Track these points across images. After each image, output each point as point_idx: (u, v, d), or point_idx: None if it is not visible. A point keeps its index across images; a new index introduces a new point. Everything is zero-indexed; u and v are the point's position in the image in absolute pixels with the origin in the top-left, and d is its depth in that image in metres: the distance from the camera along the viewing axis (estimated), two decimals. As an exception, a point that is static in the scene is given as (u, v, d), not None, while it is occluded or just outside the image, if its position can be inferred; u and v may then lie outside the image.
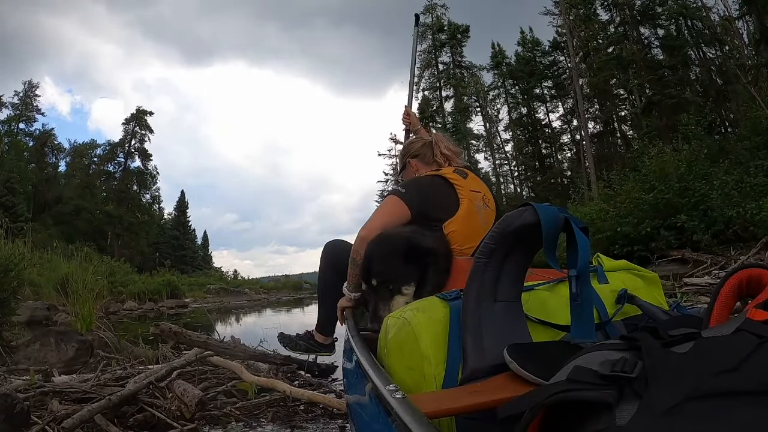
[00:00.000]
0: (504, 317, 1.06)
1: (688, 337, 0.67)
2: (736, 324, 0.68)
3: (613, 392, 0.58)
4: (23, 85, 40.41)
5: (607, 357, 0.67)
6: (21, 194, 32.86)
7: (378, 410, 0.88)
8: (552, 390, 0.63)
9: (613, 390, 0.59)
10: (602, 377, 0.61)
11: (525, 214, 1.05)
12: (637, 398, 0.57)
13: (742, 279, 0.86)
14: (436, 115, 38.35)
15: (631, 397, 0.57)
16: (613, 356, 0.66)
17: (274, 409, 2.34)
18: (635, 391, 0.58)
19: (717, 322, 0.84)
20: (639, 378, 0.59)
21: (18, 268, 4.11)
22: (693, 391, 0.54)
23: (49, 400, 2.07)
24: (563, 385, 0.63)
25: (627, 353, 0.67)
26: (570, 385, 0.62)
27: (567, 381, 0.64)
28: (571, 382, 0.63)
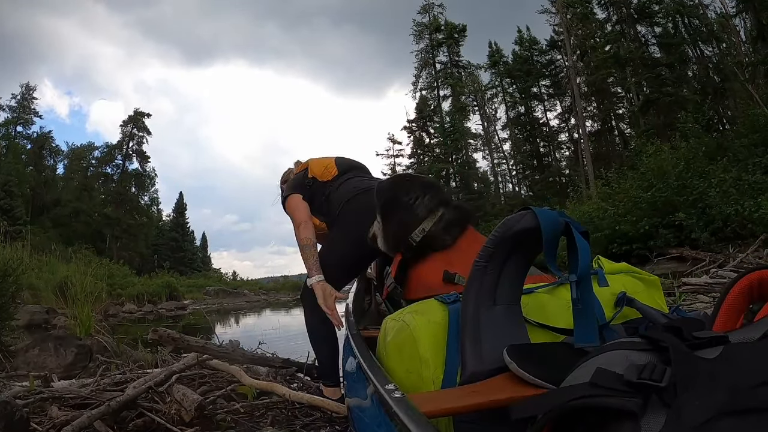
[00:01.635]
0: (503, 321, 1.06)
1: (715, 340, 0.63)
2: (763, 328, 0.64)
3: (639, 400, 0.55)
4: (21, 87, 40.39)
5: (631, 358, 0.63)
6: (19, 197, 32.87)
7: (377, 410, 0.89)
8: (574, 393, 0.60)
9: (639, 398, 0.55)
10: (628, 383, 0.57)
11: (525, 219, 1.06)
12: (665, 408, 0.54)
13: (753, 281, 0.83)
14: (434, 115, 38.43)
15: (659, 407, 0.54)
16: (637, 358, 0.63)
17: (274, 412, 2.34)
18: (663, 400, 0.54)
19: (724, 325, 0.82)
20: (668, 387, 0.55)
21: (17, 272, 4.10)
22: (727, 405, 0.50)
23: (49, 406, 2.07)
24: (585, 389, 0.60)
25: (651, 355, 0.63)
26: (593, 390, 0.59)
27: (589, 385, 0.60)
28: (594, 387, 0.59)
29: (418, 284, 1.78)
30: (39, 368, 3.17)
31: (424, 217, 1.81)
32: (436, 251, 1.78)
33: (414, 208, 1.83)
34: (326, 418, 2.28)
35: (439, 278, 1.70)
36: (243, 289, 29.87)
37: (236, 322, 12.42)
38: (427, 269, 1.76)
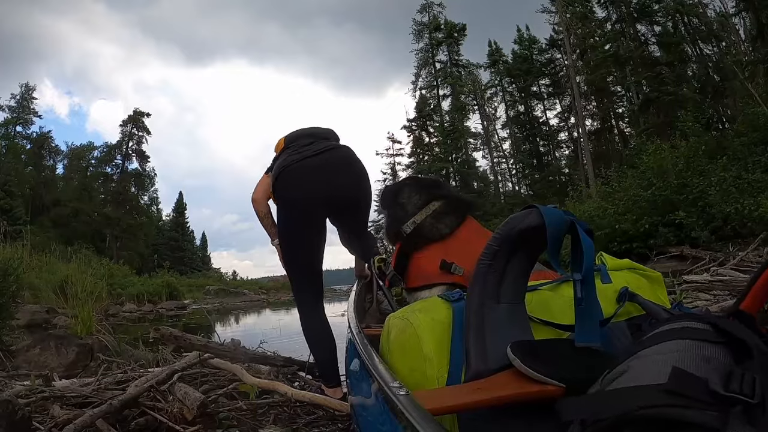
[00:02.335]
0: (507, 319, 1.06)
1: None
2: None
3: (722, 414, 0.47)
4: (20, 87, 40.36)
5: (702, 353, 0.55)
6: (19, 197, 32.88)
7: (382, 408, 0.88)
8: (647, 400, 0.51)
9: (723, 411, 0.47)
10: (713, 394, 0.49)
11: (530, 217, 1.05)
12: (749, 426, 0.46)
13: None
14: (434, 114, 38.42)
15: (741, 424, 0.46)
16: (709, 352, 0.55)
17: (276, 411, 2.34)
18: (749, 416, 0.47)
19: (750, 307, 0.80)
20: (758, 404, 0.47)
21: (17, 272, 4.10)
22: None
23: (51, 405, 2.06)
24: (661, 397, 0.51)
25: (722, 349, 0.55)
26: (671, 399, 0.50)
27: (666, 392, 0.51)
28: (671, 395, 0.50)
29: (416, 273, 1.84)
30: (40, 367, 3.17)
31: (414, 212, 1.90)
32: (433, 241, 1.84)
33: (405, 206, 1.94)
34: (329, 416, 2.27)
35: (437, 267, 1.75)
36: (243, 289, 29.88)
37: (236, 321, 12.41)
38: (425, 259, 1.82)
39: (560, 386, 0.88)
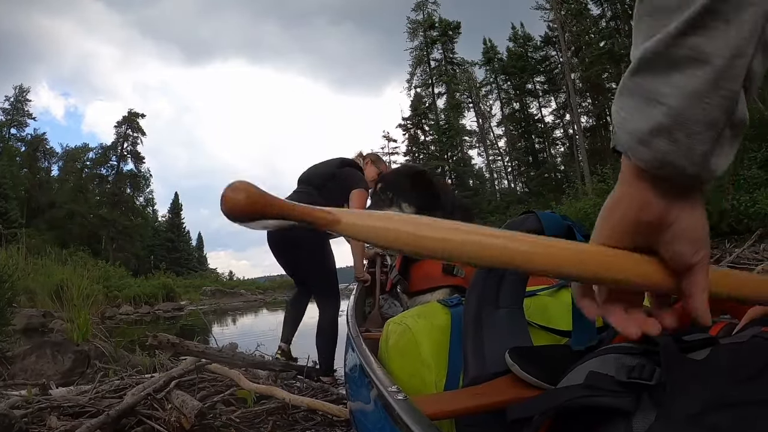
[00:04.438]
0: (506, 324, 1.05)
1: (705, 342, 0.64)
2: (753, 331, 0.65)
3: (631, 399, 0.56)
4: (14, 89, 40.22)
5: (623, 361, 0.64)
6: (14, 200, 32.77)
7: (380, 413, 0.88)
8: (568, 394, 0.61)
9: (631, 397, 0.56)
10: (619, 383, 0.58)
11: (528, 222, 1.05)
12: (656, 406, 0.55)
13: None
14: (429, 112, 38.45)
15: (649, 405, 0.55)
16: (629, 361, 0.64)
17: (274, 417, 2.33)
18: (653, 399, 0.55)
19: None
20: (657, 386, 0.56)
21: (12, 278, 4.07)
22: (713, 400, 0.51)
23: (48, 415, 2.05)
24: (579, 390, 0.61)
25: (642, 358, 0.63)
26: (586, 391, 0.60)
27: (583, 386, 0.61)
28: (587, 388, 0.61)
29: (420, 277, 1.83)
30: (37, 375, 3.15)
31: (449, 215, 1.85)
32: None
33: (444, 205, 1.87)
34: (327, 422, 2.27)
35: (440, 270, 1.75)
36: (240, 289, 29.84)
37: (233, 322, 12.40)
38: (428, 262, 1.79)
39: None
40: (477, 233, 0.49)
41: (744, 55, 0.40)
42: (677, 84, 0.41)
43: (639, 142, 0.44)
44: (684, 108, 0.41)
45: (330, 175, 3.27)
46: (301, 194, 3.17)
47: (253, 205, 0.46)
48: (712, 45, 0.39)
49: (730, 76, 0.40)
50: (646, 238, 0.49)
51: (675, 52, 0.41)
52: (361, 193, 3.09)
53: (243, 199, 0.45)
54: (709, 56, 0.40)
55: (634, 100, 0.44)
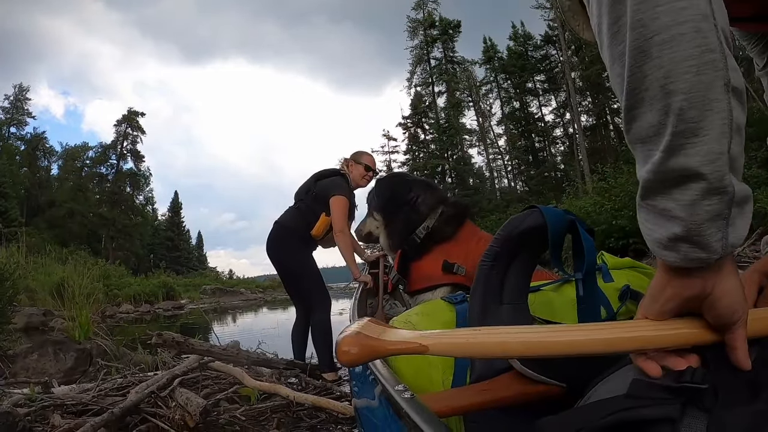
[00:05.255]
0: (510, 320, 1.05)
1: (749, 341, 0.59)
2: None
3: (678, 406, 0.52)
4: (14, 88, 40.15)
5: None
6: (14, 198, 32.73)
7: (386, 410, 0.87)
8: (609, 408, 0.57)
9: (678, 404, 0.52)
10: (665, 389, 0.54)
11: (531, 217, 1.05)
12: (705, 413, 0.51)
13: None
14: (429, 111, 38.37)
15: (697, 412, 0.52)
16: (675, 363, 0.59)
17: (279, 415, 2.33)
18: (703, 405, 0.52)
19: None
20: (708, 390, 0.52)
21: (13, 277, 4.07)
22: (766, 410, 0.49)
23: (51, 414, 2.04)
24: (621, 402, 0.56)
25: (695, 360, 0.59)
26: (629, 402, 0.55)
27: (625, 397, 0.57)
28: (630, 398, 0.56)
29: (419, 276, 1.87)
30: (39, 373, 3.15)
31: (427, 215, 1.91)
32: (437, 244, 1.87)
33: (418, 206, 1.94)
34: (332, 419, 2.27)
35: (439, 269, 1.78)
36: (240, 288, 29.79)
37: (234, 321, 12.39)
38: (428, 261, 1.85)
39: (561, 386, 0.88)
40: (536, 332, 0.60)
41: (722, 153, 0.49)
42: (679, 199, 0.50)
43: (665, 248, 0.53)
44: (691, 216, 0.50)
45: (305, 191, 3.45)
46: (290, 210, 3.46)
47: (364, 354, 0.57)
48: (692, 160, 0.48)
49: (718, 177, 0.49)
50: (692, 307, 0.57)
51: (667, 174, 0.50)
52: (336, 199, 3.21)
53: (356, 353, 0.57)
54: (694, 169, 0.48)
55: (651, 216, 0.55)
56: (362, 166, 3.49)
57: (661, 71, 0.49)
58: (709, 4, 0.48)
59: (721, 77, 0.48)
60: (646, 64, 0.49)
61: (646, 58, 0.49)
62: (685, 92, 0.48)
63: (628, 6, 0.50)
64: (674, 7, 0.48)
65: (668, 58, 0.48)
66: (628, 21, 0.50)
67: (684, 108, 0.48)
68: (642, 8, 0.49)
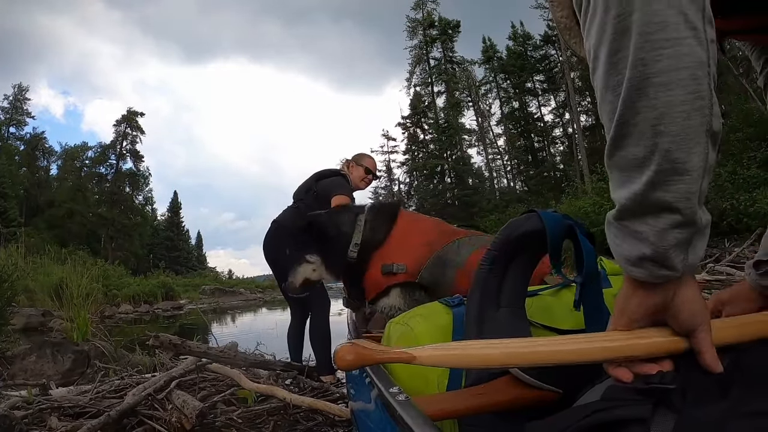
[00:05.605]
0: (507, 323, 1.05)
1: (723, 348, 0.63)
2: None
3: (649, 406, 0.55)
4: (13, 88, 40.14)
5: None
6: (13, 198, 32.73)
7: (382, 413, 0.88)
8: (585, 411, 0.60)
9: (649, 404, 0.55)
10: (639, 391, 0.57)
11: (530, 221, 1.05)
12: (675, 413, 0.54)
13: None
14: (428, 111, 38.37)
15: (668, 412, 0.54)
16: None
17: (275, 417, 2.32)
18: (673, 405, 0.55)
19: None
20: (677, 390, 0.55)
21: (12, 277, 4.07)
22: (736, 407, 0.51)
23: (48, 416, 2.04)
24: (596, 405, 0.60)
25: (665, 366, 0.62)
26: (603, 404, 0.59)
27: (601, 401, 0.61)
28: (605, 401, 0.60)
29: (369, 286, 1.89)
30: (37, 375, 3.15)
31: (351, 232, 1.92)
32: (373, 252, 1.89)
33: (340, 229, 1.95)
34: (329, 422, 2.27)
35: (380, 274, 1.82)
36: (239, 288, 29.81)
37: (233, 321, 12.41)
38: (371, 271, 1.87)
39: (556, 392, 0.88)
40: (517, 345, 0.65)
41: (697, 191, 0.54)
42: (652, 225, 0.55)
43: (632, 265, 0.58)
44: (660, 241, 0.55)
45: (305, 190, 3.43)
46: (289, 209, 3.42)
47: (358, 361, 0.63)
48: (671, 196, 0.53)
49: (690, 213, 0.55)
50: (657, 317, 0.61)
51: (644, 204, 0.55)
52: (338, 198, 3.15)
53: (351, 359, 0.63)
54: (671, 204, 0.54)
55: (622, 234, 0.59)
56: (362, 169, 3.49)
57: (655, 112, 0.52)
58: (706, 51, 0.52)
59: (706, 123, 0.52)
60: (640, 101, 0.53)
61: (642, 96, 0.52)
62: (673, 135, 0.52)
63: (632, 42, 0.52)
64: (677, 52, 0.51)
65: (663, 101, 0.52)
66: (630, 57, 0.53)
67: (671, 150, 0.52)
68: (646, 48, 0.51)
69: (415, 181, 37.74)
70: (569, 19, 0.85)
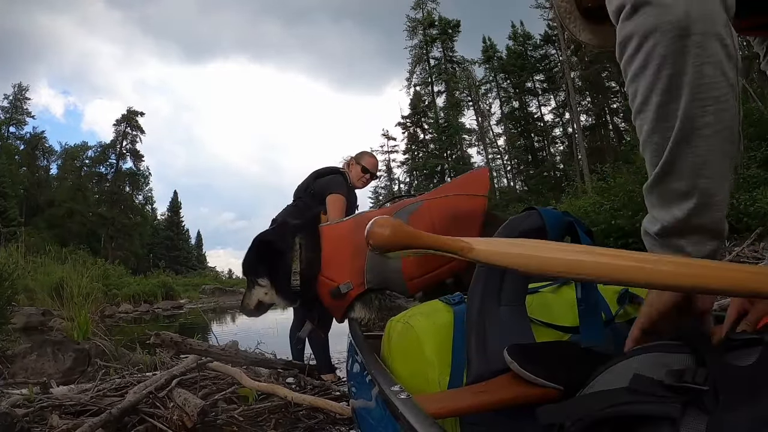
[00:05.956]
0: (508, 321, 1.05)
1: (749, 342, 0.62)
2: None
3: (678, 406, 0.54)
4: (13, 88, 40.15)
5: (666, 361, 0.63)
6: (13, 198, 32.74)
7: (383, 411, 0.88)
8: (611, 400, 0.59)
9: (679, 403, 0.54)
10: (668, 388, 0.56)
11: (530, 219, 1.05)
12: (705, 414, 0.53)
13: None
14: (428, 111, 38.39)
15: (698, 412, 0.53)
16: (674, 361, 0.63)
17: (276, 415, 2.32)
18: (704, 406, 0.53)
19: None
20: (709, 392, 0.54)
21: (12, 276, 4.07)
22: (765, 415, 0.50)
23: (49, 414, 2.04)
24: (623, 395, 0.58)
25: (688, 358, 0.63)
26: (631, 396, 0.57)
27: (627, 390, 0.59)
28: (631, 393, 0.58)
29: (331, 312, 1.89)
30: (37, 374, 3.15)
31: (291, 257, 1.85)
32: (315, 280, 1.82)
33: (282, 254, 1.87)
34: (330, 420, 2.27)
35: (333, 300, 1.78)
36: (239, 288, 29.73)
37: (233, 320, 12.38)
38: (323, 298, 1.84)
39: (558, 388, 0.87)
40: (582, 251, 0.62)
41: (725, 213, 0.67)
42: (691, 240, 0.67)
43: None
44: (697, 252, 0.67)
45: (304, 188, 3.41)
46: (288, 208, 3.37)
47: (398, 238, 0.55)
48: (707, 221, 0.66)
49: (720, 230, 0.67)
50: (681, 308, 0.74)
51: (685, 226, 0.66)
52: (333, 197, 3.17)
53: (389, 234, 0.55)
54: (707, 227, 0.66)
55: (661, 247, 0.70)
56: (360, 167, 3.49)
57: (698, 158, 0.62)
58: (739, 104, 0.63)
59: (734, 162, 0.64)
60: (687, 148, 0.63)
61: (689, 145, 0.62)
62: (711, 176, 0.62)
63: (683, 99, 0.62)
64: (719, 109, 0.60)
65: (705, 149, 0.62)
66: (681, 112, 0.62)
67: (710, 188, 0.63)
68: (695, 105, 0.61)
69: (415, 181, 37.76)
70: (569, 3, 0.90)
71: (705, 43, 0.60)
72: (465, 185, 1.96)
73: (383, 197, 36.58)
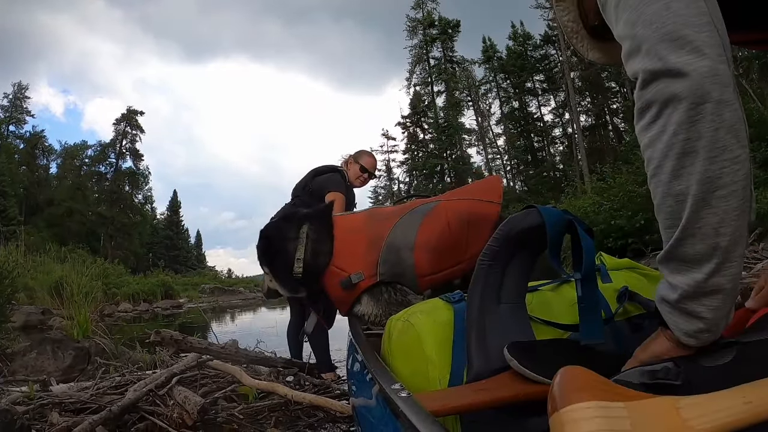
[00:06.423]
0: (508, 319, 1.05)
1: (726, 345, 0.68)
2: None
3: None
4: (13, 86, 40.10)
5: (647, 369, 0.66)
6: (12, 197, 32.72)
7: (383, 410, 0.88)
8: None
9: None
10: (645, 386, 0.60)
11: (529, 217, 1.05)
12: None
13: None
14: (428, 110, 38.37)
15: None
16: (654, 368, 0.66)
17: (276, 413, 2.33)
18: None
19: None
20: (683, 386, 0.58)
21: (12, 275, 4.07)
22: None
23: (49, 412, 2.04)
24: None
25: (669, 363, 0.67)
26: None
27: None
28: None
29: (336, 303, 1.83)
30: (37, 372, 3.15)
31: (295, 247, 1.80)
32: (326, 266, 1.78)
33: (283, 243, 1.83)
34: (330, 418, 2.27)
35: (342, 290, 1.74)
36: (238, 287, 29.80)
37: (233, 320, 12.39)
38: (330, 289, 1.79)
39: None
40: None
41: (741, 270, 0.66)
42: (708, 305, 0.66)
43: (688, 336, 0.68)
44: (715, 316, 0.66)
45: (302, 187, 3.40)
46: (287, 206, 3.35)
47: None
48: (725, 281, 0.65)
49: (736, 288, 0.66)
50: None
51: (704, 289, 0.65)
52: (332, 195, 3.16)
53: None
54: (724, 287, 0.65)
55: (678, 313, 0.69)
56: (358, 167, 3.49)
57: (717, 218, 0.63)
58: (750, 161, 0.65)
59: (749, 217, 0.65)
60: (705, 209, 0.64)
61: (707, 206, 0.64)
62: (730, 234, 0.63)
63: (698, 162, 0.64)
64: (733, 169, 0.62)
65: (723, 209, 0.63)
66: (697, 174, 0.64)
67: (729, 246, 0.63)
68: (712, 168, 0.63)
69: (415, 181, 37.73)
70: (576, 23, 0.91)
71: (719, 110, 0.63)
72: (479, 191, 1.94)
73: (383, 197, 36.62)
